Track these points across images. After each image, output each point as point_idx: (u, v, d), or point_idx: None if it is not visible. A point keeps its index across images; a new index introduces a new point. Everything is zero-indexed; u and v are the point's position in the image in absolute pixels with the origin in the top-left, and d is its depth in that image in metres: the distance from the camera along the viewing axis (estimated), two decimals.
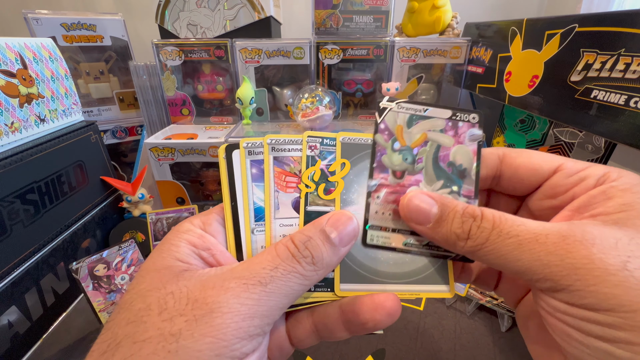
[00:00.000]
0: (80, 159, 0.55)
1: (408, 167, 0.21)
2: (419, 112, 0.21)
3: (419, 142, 0.21)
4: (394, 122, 0.21)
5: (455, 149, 0.21)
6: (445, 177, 0.21)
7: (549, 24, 0.47)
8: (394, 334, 0.45)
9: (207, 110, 0.76)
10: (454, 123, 0.21)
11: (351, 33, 0.69)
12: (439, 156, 0.21)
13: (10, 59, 0.45)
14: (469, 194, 0.20)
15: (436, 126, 0.21)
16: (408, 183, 0.21)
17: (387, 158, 0.21)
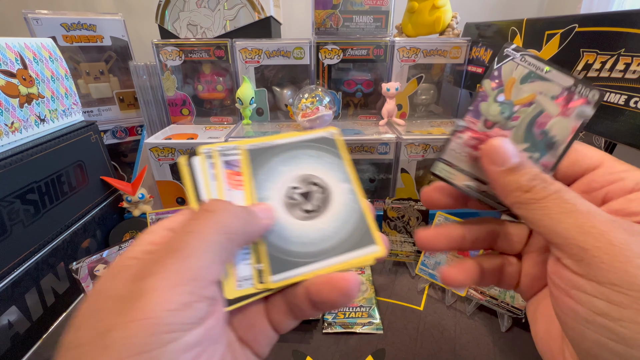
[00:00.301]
0: (80, 159, 0.55)
1: (502, 120, 0.21)
2: (540, 71, 0.21)
3: (525, 101, 0.21)
4: (510, 73, 0.21)
5: (557, 119, 0.20)
6: (533, 142, 0.21)
7: (549, 24, 0.47)
8: (394, 334, 0.45)
9: (207, 110, 0.76)
10: (570, 93, 0.20)
11: (351, 33, 0.69)
12: (536, 121, 0.21)
13: (10, 59, 0.45)
14: (548, 164, 0.20)
15: (550, 91, 0.21)
16: (494, 135, 0.21)
17: (486, 106, 0.21)
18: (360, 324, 0.46)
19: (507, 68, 0.21)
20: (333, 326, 0.45)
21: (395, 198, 0.58)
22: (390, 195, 0.68)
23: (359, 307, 0.48)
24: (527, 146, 0.21)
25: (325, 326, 0.46)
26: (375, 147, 0.63)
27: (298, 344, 0.44)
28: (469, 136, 0.21)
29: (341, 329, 0.45)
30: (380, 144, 0.63)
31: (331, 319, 0.46)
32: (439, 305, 0.49)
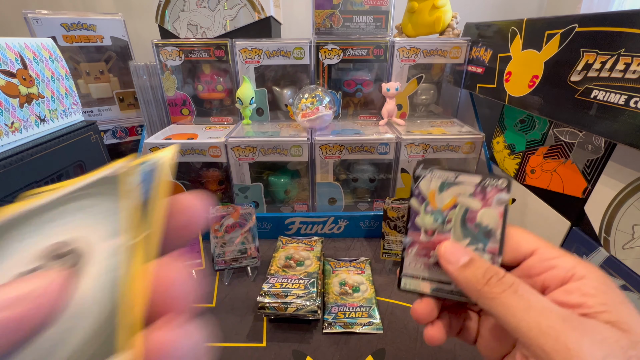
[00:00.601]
0: (80, 159, 0.55)
1: (438, 227, 0.24)
2: (450, 178, 0.24)
3: (449, 205, 0.24)
4: (427, 187, 0.25)
5: (483, 211, 0.23)
6: (472, 236, 0.24)
7: (549, 24, 0.47)
8: (394, 334, 0.45)
9: (207, 110, 0.76)
10: (482, 188, 0.24)
11: (351, 33, 0.69)
12: (466, 218, 0.24)
13: (11, 59, 0.45)
14: (494, 251, 0.23)
15: (466, 191, 0.24)
16: (438, 240, 0.24)
17: (420, 219, 0.25)
18: (360, 324, 0.46)
19: (423, 185, 0.25)
20: (333, 326, 0.45)
21: (395, 198, 0.58)
22: (390, 195, 0.68)
23: (359, 307, 0.48)
24: (469, 240, 0.24)
25: (325, 326, 0.46)
26: (375, 147, 0.63)
27: (298, 343, 0.44)
28: (417, 248, 0.25)
29: (341, 328, 0.45)
30: (380, 144, 0.63)
31: (331, 319, 0.46)
32: None
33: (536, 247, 0.21)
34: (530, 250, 0.21)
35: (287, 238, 0.62)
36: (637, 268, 0.37)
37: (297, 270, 0.52)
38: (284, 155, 0.63)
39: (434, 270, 0.25)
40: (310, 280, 0.49)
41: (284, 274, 0.51)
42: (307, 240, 0.61)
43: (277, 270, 0.52)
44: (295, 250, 0.58)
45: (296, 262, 0.54)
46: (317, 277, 0.50)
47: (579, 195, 0.47)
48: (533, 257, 0.21)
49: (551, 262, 0.20)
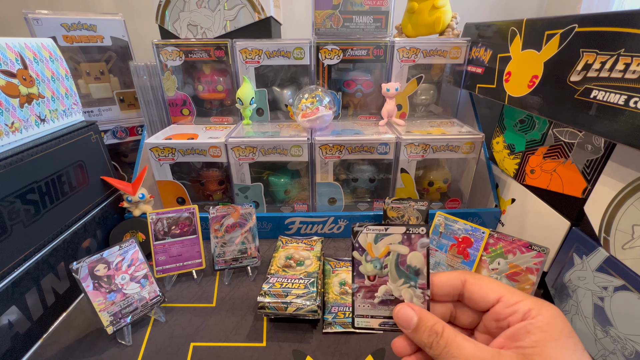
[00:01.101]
0: (80, 159, 0.56)
1: (378, 272, 0.30)
2: (382, 231, 0.29)
3: (384, 253, 0.29)
4: (365, 241, 0.30)
5: (411, 255, 0.29)
6: (405, 276, 0.29)
7: (549, 24, 0.47)
8: (394, 334, 0.45)
9: (208, 110, 0.77)
10: (407, 236, 0.29)
11: (351, 33, 0.69)
12: (399, 261, 0.29)
13: (11, 59, 0.45)
14: (423, 286, 0.28)
15: (395, 240, 0.29)
16: (379, 283, 0.29)
17: (363, 268, 0.30)
18: None
19: (361, 239, 0.30)
20: (333, 326, 0.46)
21: (395, 198, 0.58)
22: (390, 195, 0.68)
23: None
24: (403, 280, 0.29)
25: (325, 326, 0.46)
26: (375, 147, 0.63)
27: (298, 343, 0.44)
28: (364, 292, 0.30)
29: (341, 328, 0.45)
30: (380, 144, 0.63)
31: (331, 318, 0.46)
32: None
33: (501, 295, 0.24)
34: (496, 298, 0.24)
35: (287, 238, 0.62)
36: (636, 268, 0.38)
37: (297, 270, 0.52)
38: (284, 155, 0.63)
39: (378, 309, 0.30)
40: (310, 280, 0.49)
41: (284, 274, 0.51)
42: (307, 240, 0.61)
43: (277, 270, 0.52)
44: (295, 250, 0.58)
45: (296, 262, 0.54)
46: (317, 277, 0.50)
47: (579, 195, 0.47)
48: (499, 304, 0.24)
49: (513, 308, 0.23)
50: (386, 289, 0.30)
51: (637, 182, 0.38)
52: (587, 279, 0.43)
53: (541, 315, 0.22)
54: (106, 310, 0.43)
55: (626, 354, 0.38)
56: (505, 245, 0.47)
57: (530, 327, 0.22)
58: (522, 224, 0.59)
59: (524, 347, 0.21)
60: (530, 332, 0.21)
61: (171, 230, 0.55)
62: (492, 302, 0.25)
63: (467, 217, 0.63)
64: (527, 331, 0.22)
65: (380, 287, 0.30)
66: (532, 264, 0.44)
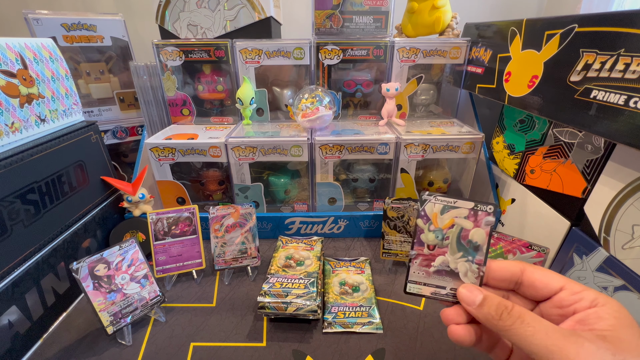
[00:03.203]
0: (80, 159, 0.56)
1: (439, 242, 0.30)
2: (450, 203, 0.30)
3: (448, 225, 0.30)
4: (431, 210, 0.30)
5: (474, 230, 0.29)
6: (464, 250, 0.30)
7: (549, 24, 0.47)
8: (394, 334, 0.45)
9: (208, 110, 0.77)
10: (474, 212, 0.29)
11: (351, 33, 0.69)
12: (461, 235, 0.30)
13: (11, 59, 0.45)
14: (480, 262, 0.29)
15: (461, 214, 0.30)
16: (437, 254, 0.30)
17: (424, 236, 0.31)
18: (360, 323, 0.46)
19: (428, 208, 0.30)
20: (333, 326, 0.46)
21: (395, 198, 0.58)
22: (390, 195, 0.68)
23: (358, 306, 0.48)
24: (462, 254, 0.30)
25: (325, 326, 0.46)
26: (375, 147, 0.63)
27: (298, 343, 0.44)
28: (421, 259, 0.31)
29: (341, 328, 0.45)
30: (380, 144, 0.63)
31: (331, 318, 0.46)
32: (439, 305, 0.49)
33: (564, 284, 0.26)
34: (560, 286, 0.26)
35: (287, 238, 0.62)
36: (636, 268, 0.38)
37: (297, 270, 0.52)
38: (284, 155, 0.63)
39: (433, 278, 0.31)
40: (310, 279, 0.49)
41: (284, 274, 0.51)
42: (307, 240, 0.61)
43: (277, 270, 0.52)
44: (295, 250, 0.57)
45: (296, 262, 0.54)
46: (317, 276, 0.50)
47: (579, 195, 0.47)
48: (563, 292, 0.25)
49: (579, 295, 0.24)
50: (443, 259, 0.31)
51: (637, 182, 0.38)
52: (587, 279, 0.43)
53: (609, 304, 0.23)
54: (106, 310, 0.43)
55: None
56: (505, 245, 0.47)
57: (602, 313, 0.22)
58: (522, 224, 0.59)
59: (599, 329, 0.22)
60: (603, 317, 0.22)
61: (171, 230, 0.55)
62: (555, 289, 0.26)
63: None
64: (599, 317, 0.22)
65: (437, 257, 0.31)
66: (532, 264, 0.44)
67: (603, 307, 0.23)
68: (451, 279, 0.31)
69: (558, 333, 0.22)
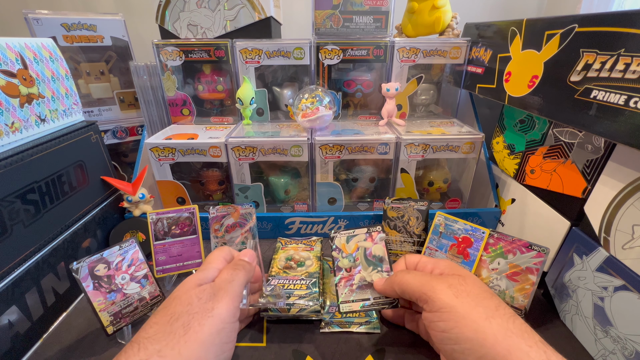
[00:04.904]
0: (80, 159, 0.56)
1: (352, 264, 0.43)
2: (351, 234, 0.44)
3: (354, 249, 0.43)
4: (340, 242, 0.44)
5: (373, 247, 0.42)
6: (373, 264, 0.42)
7: (549, 24, 0.47)
8: (394, 334, 0.45)
9: (208, 110, 0.77)
10: (369, 233, 0.43)
11: (351, 33, 0.69)
12: (366, 254, 0.42)
13: (11, 59, 0.45)
14: (387, 270, 0.42)
15: (361, 238, 0.43)
16: (354, 273, 0.43)
17: (341, 263, 0.43)
18: (358, 323, 0.46)
19: (337, 241, 0.44)
20: (330, 326, 0.46)
21: (395, 198, 0.58)
22: (390, 195, 0.68)
23: None
24: (372, 267, 0.42)
25: (322, 325, 0.46)
26: (375, 147, 0.63)
27: (298, 344, 0.44)
28: (344, 282, 0.43)
29: (338, 328, 0.45)
30: (380, 144, 0.63)
31: (328, 318, 0.46)
32: None
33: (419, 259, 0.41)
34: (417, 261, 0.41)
35: (286, 239, 0.62)
36: (636, 268, 0.38)
37: (298, 271, 0.52)
38: (284, 155, 0.63)
39: (357, 293, 0.41)
40: (312, 280, 0.49)
41: (285, 275, 0.51)
42: (307, 240, 0.61)
43: (277, 272, 0.52)
44: (295, 250, 0.57)
45: (297, 263, 0.54)
46: (318, 276, 0.50)
47: (579, 195, 0.47)
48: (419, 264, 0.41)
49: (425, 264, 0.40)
50: (360, 276, 0.41)
51: (637, 182, 0.38)
52: (587, 279, 0.43)
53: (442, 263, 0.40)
54: (106, 310, 0.43)
55: (626, 354, 0.38)
56: (505, 245, 0.47)
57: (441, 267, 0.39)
58: (522, 224, 0.59)
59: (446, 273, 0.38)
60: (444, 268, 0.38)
61: (171, 230, 0.55)
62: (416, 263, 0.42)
63: (467, 217, 0.63)
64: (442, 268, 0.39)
65: (355, 276, 0.41)
66: (532, 264, 0.44)
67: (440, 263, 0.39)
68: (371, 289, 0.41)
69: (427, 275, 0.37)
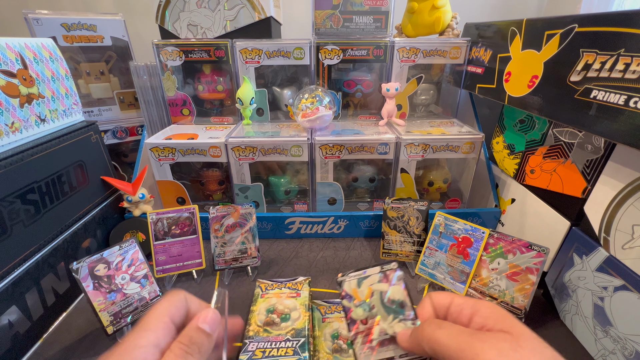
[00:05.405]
0: (80, 159, 0.56)
1: (368, 314, 0.32)
2: (361, 275, 0.33)
3: (369, 294, 0.32)
4: (350, 287, 0.33)
5: (391, 290, 0.32)
6: (393, 312, 0.31)
7: (549, 24, 0.47)
8: None
9: (208, 110, 0.77)
10: (384, 274, 0.32)
11: (351, 33, 0.69)
12: (383, 300, 0.31)
13: (11, 59, 0.45)
14: (410, 317, 0.31)
15: (375, 280, 0.32)
16: (372, 326, 0.31)
17: (354, 313, 0.32)
18: None
19: (347, 286, 0.33)
20: None
21: (395, 198, 0.58)
22: (390, 195, 0.68)
23: None
24: (393, 316, 0.31)
25: None
26: (375, 147, 0.63)
27: None
28: (361, 338, 0.31)
29: None
30: (380, 144, 0.63)
31: None
32: None
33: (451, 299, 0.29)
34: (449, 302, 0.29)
35: (266, 283, 0.52)
36: (636, 268, 0.38)
37: (282, 328, 0.43)
38: (284, 155, 0.63)
39: (379, 351, 0.31)
40: (299, 341, 0.41)
41: (267, 335, 0.42)
42: (292, 283, 0.52)
43: (257, 331, 0.43)
44: (278, 299, 0.48)
45: (280, 316, 0.45)
46: (307, 334, 0.42)
47: (579, 195, 0.47)
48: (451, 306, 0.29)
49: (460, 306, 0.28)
50: (380, 328, 0.31)
51: (637, 182, 0.38)
52: (587, 279, 0.43)
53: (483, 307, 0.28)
54: (106, 310, 0.43)
55: (626, 354, 0.38)
56: (505, 245, 0.47)
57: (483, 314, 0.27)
58: (522, 224, 0.59)
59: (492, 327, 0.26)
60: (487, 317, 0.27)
61: (171, 230, 0.55)
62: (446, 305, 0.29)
63: (467, 217, 0.63)
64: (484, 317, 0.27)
65: (374, 329, 0.31)
66: (532, 264, 0.44)
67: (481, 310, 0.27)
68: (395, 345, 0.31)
69: (466, 332, 0.26)
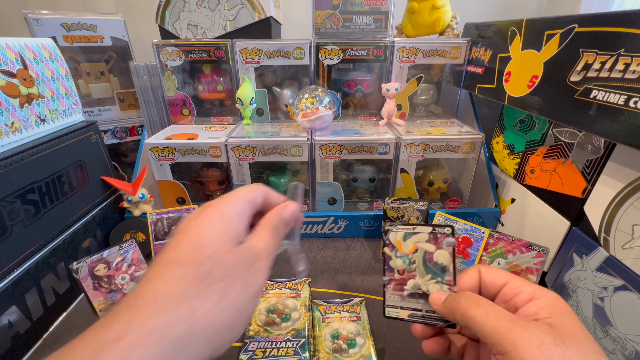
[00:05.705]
0: (80, 159, 0.56)
1: (407, 267, 0.33)
2: (410, 230, 0.33)
3: (412, 250, 0.32)
4: (395, 238, 0.33)
5: (437, 253, 0.31)
6: (432, 272, 0.32)
7: (549, 24, 0.47)
8: (394, 334, 0.45)
9: (208, 110, 0.77)
10: (434, 235, 0.32)
11: (351, 33, 0.69)
12: (426, 259, 0.32)
13: (11, 59, 0.45)
14: (450, 283, 0.31)
15: (422, 238, 0.32)
16: (407, 278, 0.33)
17: (393, 262, 0.33)
18: None
19: (392, 236, 0.33)
20: None
21: (395, 198, 0.58)
22: (390, 195, 0.68)
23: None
24: (430, 276, 0.32)
25: None
26: (375, 147, 0.63)
27: None
28: (394, 285, 0.33)
29: None
30: (380, 144, 0.63)
31: None
32: None
33: (507, 280, 0.28)
34: (503, 282, 0.28)
35: (266, 282, 0.52)
36: (636, 268, 0.38)
37: (283, 328, 0.44)
38: (284, 155, 0.63)
39: (407, 301, 0.33)
40: (300, 340, 0.42)
41: (267, 335, 0.43)
42: (292, 283, 0.52)
43: (257, 331, 0.43)
44: (279, 298, 0.49)
45: (280, 316, 0.46)
46: (308, 334, 0.43)
47: (579, 195, 0.47)
48: (506, 287, 0.28)
49: (518, 289, 0.27)
50: (414, 283, 0.32)
51: (637, 182, 0.38)
52: (587, 279, 0.43)
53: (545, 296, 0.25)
54: (106, 310, 0.43)
55: (626, 354, 0.38)
56: (505, 245, 0.47)
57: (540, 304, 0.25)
58: (522, 224, 0.59)
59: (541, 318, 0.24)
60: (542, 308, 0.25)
61: (171, 230, 0.55)
62: (500, 285, 0.28)
63: (467, 217, 0.63)
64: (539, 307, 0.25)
65: (409, 281, 0.32)
66: (532, 264, 0.44)
67: (540, 299, 0.25)
68: (425, 301, 0.32)
69: (507, 317, 0.24)
